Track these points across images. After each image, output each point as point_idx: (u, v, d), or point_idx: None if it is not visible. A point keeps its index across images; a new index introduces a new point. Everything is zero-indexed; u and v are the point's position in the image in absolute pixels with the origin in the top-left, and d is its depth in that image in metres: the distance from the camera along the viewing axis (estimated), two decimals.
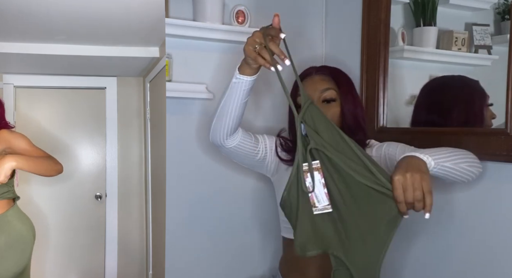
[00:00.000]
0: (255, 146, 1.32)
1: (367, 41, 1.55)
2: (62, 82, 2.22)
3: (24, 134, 1.59)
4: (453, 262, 1.31)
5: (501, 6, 1.24)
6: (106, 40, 2.04)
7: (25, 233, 1.62)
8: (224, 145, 1.26)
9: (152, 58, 2.10)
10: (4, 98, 2.10)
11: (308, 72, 1.34)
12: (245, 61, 1.13)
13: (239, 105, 1.18)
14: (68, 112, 2.23)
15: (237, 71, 1.15)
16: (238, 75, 1.14)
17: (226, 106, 1.18)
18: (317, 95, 1.28)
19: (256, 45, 1.07)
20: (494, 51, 1.29)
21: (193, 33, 1.51)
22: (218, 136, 1.24)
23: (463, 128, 1.26)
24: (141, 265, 2.34)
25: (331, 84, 1.30)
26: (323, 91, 1.28)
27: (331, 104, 1.28)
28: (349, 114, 1.28)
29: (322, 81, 1.30)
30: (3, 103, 1.72)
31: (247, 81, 1.14)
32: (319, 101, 1.28)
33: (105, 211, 2.29)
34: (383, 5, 1.49)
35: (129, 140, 2.34)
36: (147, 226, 2.28)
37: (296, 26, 1.75)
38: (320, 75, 1.32)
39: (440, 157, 1.04)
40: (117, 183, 2.30)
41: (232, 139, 1.25)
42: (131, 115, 2.33)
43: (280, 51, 1.07)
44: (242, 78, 1.14)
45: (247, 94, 1.17)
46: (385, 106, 1.50)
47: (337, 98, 1.29)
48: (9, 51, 1.97)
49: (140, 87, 2.35)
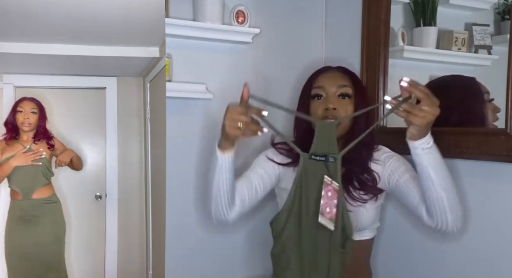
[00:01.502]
0: (260, 192, 1.31)
1: (367, 41, 1.55)
2: (62, 82, 2.22)
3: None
4: (453, 262, 1.31)
5: (501, 6, 1.24)
6: (106, 40, 2.04)
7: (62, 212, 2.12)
8: (230, 219, 1.24)
9: (152, 58, 2.10)
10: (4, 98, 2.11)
11: (326, 69, 1.36)
12: (224, 138, 1.12)
13: (230, 178, 1.18)
14: (68, 112, 2.23)
15: (218, 150, 1.14)
16: (221, 155, 1.14)
17: (218, 185, 1.18)
18: (334, 90, 1.28)
19: (239, 123, 1.06)
20: (494, 51, 1.28)
21: (193, 33, 1.51)
22: (220, 214, 1.23)
23: (463, 129, 1.26)
24: (141, 265, 2.34)
25: (349, 82, 1.31)
26: (341, 87, 1.29)
27: (346, 100, 1.29)
28: (361, 116, 1.27)
29: (340, 77, 1.31)
30: (46, 117, 2.07)
31: (231, 157, 1.15)
32: (335, 95, 1.28)
33: (105, 211, 2.29)
34: (383, 5, 1.49)
35: (129, 140, 2.34)
36: (147, 226, 2.28)
37: (296, 27, 1.75)
38: (339, 71, 1.34)
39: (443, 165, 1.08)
40: (117, 183, 2.30)
41: (233, 211, 1.24)
42: (131, 115, 2.33)
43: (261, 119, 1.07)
44: (226, 157, 1.14)
45: (233, 166, 1.17)
46: (385, 106, 1.50)
47: (352, 97, 1.30)
48: (9, 51, 1.97)
49: (140, 87, 2.35)
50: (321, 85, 1.30)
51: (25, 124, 2.01)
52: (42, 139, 2.05)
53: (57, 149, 2.09)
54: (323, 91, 1.29)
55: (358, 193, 1.24)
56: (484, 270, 1.23)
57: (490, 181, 1.20)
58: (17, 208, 2.01)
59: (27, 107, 2.02)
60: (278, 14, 1.71)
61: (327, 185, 1.07)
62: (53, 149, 2.08)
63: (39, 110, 2.05)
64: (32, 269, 1.99)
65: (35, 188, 2.03)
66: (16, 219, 2.00)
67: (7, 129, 2.02)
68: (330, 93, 1.28)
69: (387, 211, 1.48)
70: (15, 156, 1.98)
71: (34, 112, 2.03)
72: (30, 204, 2.01)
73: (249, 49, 1.66)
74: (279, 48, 1.71)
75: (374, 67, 1.52)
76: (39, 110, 2.05)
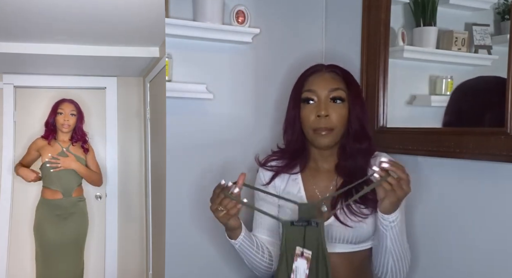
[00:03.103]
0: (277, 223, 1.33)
1: (367, 41, 1.55)
2: (62, 82, 2.23)
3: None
4: (453, 262, 1.31)
5: (501, 6, 1.24)
6: (106, 40, 2.04)
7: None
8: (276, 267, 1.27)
9: (152, 58, 2.10)
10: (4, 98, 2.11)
11: (317, 69, 1.31)
12: (227, 228, 1.19)
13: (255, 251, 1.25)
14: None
15: (229, 239, 1.22)
16: (234, 242, 1.21)
17: (251, 261, 1.27)
18: (325, 94, 1.24)
19: (220, 208, 1.11)
20: (494, 51, 1.28)
21: (193, 33, 1.51)
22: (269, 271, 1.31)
23: (463, 129, 1.25)
24: (141, 265, 2.34)
25: (342, 85, 1.26)
26: (333, 90, 1.24)
27: (339, 105, 1.24)
28: (356, 119, 1.25)
29: (332, 80, 1.27)
30: (83, 116, 2.16)
31: (243, 238, 1.21)
32: (327, 99, 1.24)
33: (105, 211, 2.30)
34: (383, 5, 1.49)
35: (129, 140, 2.34)
36: (147, 226, 2.28)
37: (296, 27, 1.75)
38: (331, 73, 1.29)
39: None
40: (117, 183, 2.30)
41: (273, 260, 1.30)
42: (131, 115, 2.33)
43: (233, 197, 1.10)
44: (238, 240, 1.21)
45: (251, 240, 1.24)
46: (385, 106, 1.50)
47: (346, 100, 1.26)
48: (9, 51, 1.97)
49: (140, 87, 2.35)
50: (312, 88, 1.26)
51: (64, 126, 2.11)
52: (78, 141, 2.17)
53: (90, 152, 2.21)
54: (314, 95, 1.25)
55: (358, 206, 1.21)
56: (484, 270, 1.22)
57: (490, 181, 1.20)
58: (56, 207, 2.11)
59: (67, 109, 2.12)
60: (278, 14, 1.71)
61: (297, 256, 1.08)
62: (88, 152, 2.19)
63: (78, 112, 2.15)
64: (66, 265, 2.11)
65: (74, 187, 2.15)
66: (54, 217, 2.10)
67: (47, 130, 2.13)
68: (322, 98, 1.24)
69: None
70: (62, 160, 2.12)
71: (73, 115, 2.13)
72: (69, 202, 2.13)
73: (249, 49, 1.66)
74: (279, 48, 1.71)
75: (374, 67, 1.52)
76: (77, 112, 2.15)
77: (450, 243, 1.31)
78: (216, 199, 1.11)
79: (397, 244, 1.16)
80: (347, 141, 1.28)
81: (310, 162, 1.34)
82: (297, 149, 1.33)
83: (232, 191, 1.10)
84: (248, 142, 1.66)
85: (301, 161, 1.33)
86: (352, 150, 1.27)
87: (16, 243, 2.13)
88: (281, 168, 1.34)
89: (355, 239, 1.23)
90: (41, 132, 2.15)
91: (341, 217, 1.21)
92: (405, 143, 1.40)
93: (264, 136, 1.68)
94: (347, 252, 1.24)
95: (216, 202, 1.11)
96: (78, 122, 2.16)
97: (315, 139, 1.26)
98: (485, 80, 1.28)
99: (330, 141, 1.25)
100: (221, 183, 1.11)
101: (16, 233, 2.13)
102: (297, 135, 1.30)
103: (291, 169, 1.34)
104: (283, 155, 1.36)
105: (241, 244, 1.21)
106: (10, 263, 2.11)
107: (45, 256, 2.07)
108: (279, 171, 1.34)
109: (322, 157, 1.32)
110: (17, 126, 2.16)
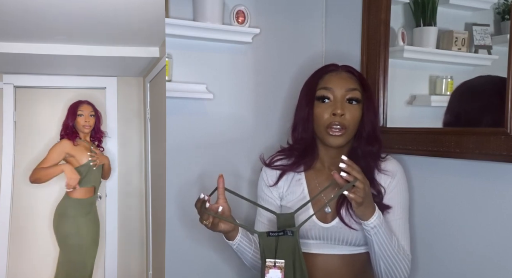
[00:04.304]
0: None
1: (367, 41, 1.55)
2: (62, 82, 2.22)
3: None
4: (453, 262, 1.31)
5: (501, 6, 1.24)
6: (106, 40, 2.04)
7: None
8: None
9: (152, 58, 2.10)
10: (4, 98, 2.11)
11: (332, 68, 1.30)
12: (224, 234, 1.22)
13: (253, 250, 1.25)
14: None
15: (226, 240, 1.24)
16: (232, 243, 1.23)
17: (250, 262, 1.29)
18: (342, 93, 1.23)
19: (205, 222, 1.15)
20: (494, 51, 1.28)
21: (193, 33, 1.51)
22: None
23: (463, 129, 1.26)
24: (141, 265, 2.34)
25: (358, 86, 1.26)
26: (350, 90, 1.23)
27: (354, 106, 1.23)
28: (369, 122, 1.25)
29: (350, 79, 1.26)
30: (101, 117, 2.19)
31: (241, 240, 1.23)
32: (343, 99, 1.23)
33: (105, 211, 2.29)
34: (383, 5, 1.49)
35: (129, 140, 2.34)
36: (147, 226, 2.28)
37: (296, 27, 1.75)
38: (347, 73, 1.28)
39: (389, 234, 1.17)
40: (117, 183, 2.30)
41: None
42: (131, 115, 2.33)
43: (209, 212, 1.13)
44: (236, 242, 1.22)
45: (248, 240, 1.25)
46: (385, 106, 1.50)
47: (360, 102, 1.25)
48: (9, 51, 1.96)
49: (140, 87, 2.35)
50: (329, 86, 1.24)
51: (86, 127, 2.15)
52: (95, 141, 2.21)
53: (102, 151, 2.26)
54: (330, 94, 1.23)
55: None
56: (484, 270, 1.23)
57: (490, 181, 1.20)
58: (87, 205, 2.15)
59: (86, 111, 2.16)
60: (278, 14, 1.71)
61: (268, 268, 1.07)
62: (103, 150, 2.23)
63: (95, 112, 2.20)
64: (87, 261, 2.14)
65: (99, 185, 2.22)
66: (84, 215, 2.14)
67: (69, 132, 2.16)
68: (338, 97, 1.23)
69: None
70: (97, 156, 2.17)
71: (92, 115, 2.17)
72: (95, 199, 2.19)
73: (249, 49, 1.66)
74: (279, 48, 1.71)
75: (374, 67, 1.52)
76: (95, 112, 2.19)
77: (450, 243, 1.31)
78: (199, 213, 1.14)
79: (384, 248, 1.15)
80: (359, 143, 1.27)
81: (316, 162, 1.34)
82: (307, 147, 1.31)
83: (206, 205, 1.12)
84: (248, 141, 1.66)
85: (308, 160, 1.32)
86: (364, 152, 1.27)
87: (16, 243, 2.12)
88: (288, 166, 1.33)
89: (358, 241, 1.23)
90: (42, 133, 2.14)
91: (346, 219, 1.21)
92: (405, 142, 1.40)
93: (264, 136, 1.68)
94: (349, 254, 1.24)
95: (200, 216, 1.15)
96: (97, 122, 2.21)
97: (328, 138, 1.24)
98: (485, 80, 1.28)
99: (342, 140, 1.24)
100: (200, 197, 1.12)
101: (16, 233, 2.12)
102: (309, 133, 1.28)
103: (297, 168, 1.33)
104: (291, 153, 1.34)
105: (238, 245, 1.22)
106: (10, 263, 2.11)
107: (72, 257, 2.09)
108: (286, 169, 1.33)
109: (330, 157, 1.31)
110: (17, 126, 2.15)
